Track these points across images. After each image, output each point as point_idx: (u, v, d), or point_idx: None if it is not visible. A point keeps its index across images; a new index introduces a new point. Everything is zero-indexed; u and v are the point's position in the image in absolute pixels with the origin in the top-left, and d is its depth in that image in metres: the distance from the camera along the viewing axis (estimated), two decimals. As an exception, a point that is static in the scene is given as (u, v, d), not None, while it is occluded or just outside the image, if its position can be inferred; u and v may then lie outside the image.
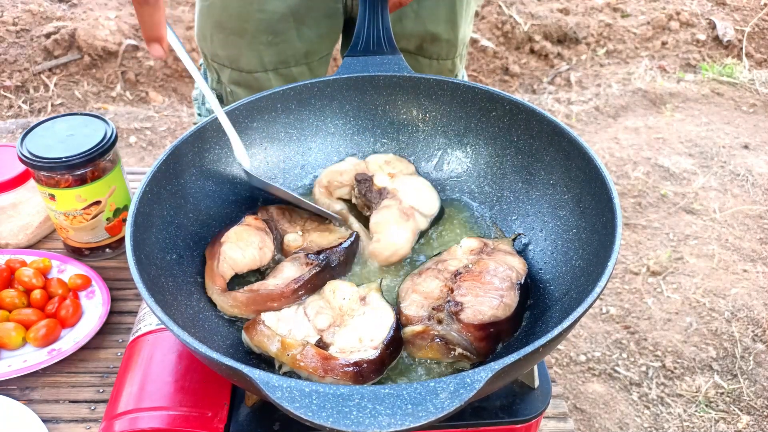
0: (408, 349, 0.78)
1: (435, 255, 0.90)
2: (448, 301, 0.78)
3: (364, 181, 0.96)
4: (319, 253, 0.86)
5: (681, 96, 3.45)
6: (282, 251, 0.90)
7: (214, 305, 0.84)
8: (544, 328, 0.77)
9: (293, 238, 0.90)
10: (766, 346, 2.14)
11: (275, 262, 0.89)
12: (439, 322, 0.77)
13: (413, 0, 1.19)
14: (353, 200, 0.99)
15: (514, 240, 0.91)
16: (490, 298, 0.77)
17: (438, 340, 0.76)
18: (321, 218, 0.96)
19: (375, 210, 0.93)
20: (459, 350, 0.76)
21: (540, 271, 0.87)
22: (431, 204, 0.95)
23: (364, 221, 0.95)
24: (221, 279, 0.84)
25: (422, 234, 0.93)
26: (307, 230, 0.92)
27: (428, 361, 0.77)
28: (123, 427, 0.75)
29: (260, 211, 0.95)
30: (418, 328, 0.77)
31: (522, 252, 0.91)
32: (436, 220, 0.96)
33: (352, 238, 0.90)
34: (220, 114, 0.89)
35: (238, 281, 0.88)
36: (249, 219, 0.92)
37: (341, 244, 0.88)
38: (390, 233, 0.88)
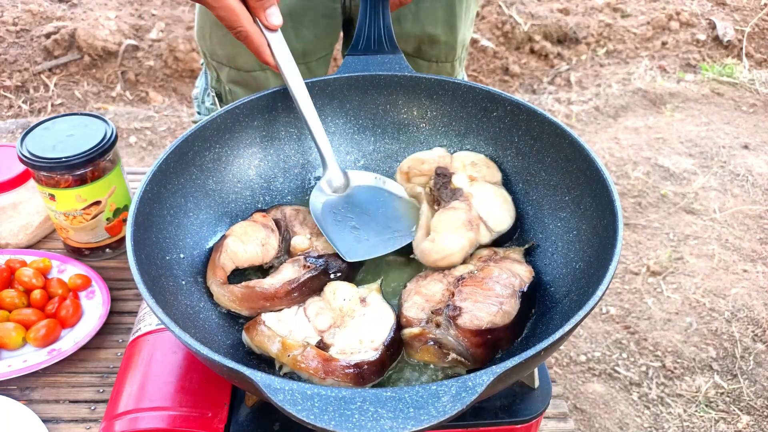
0: (406, 351, 0.78)
1: None
2: (448, 305, 0.78)
3: (443, 175, 0.91)
4: (319, 257, 0.86)
5: (681, 96, 3.45)
6: (288, 252, 0.91)
7: (214, 301, 0.84)
8: (545, 330, 0.77)
9: (300, 240, 0.90)
10: (766, 346, 2.14)
11: (280, 263, 0.89)
12: (438, 325, 0.76)
13: (412, 1, 1.19)
14: (427, 191, 0.94)
15: (526, 249, 0.89)
16: (489, 305, 0.76)
17: (431, 343, 0.75)
18: None
19: (442, 208, 0.88)
20: (453, 355, 0.75)
21: (540, 273, 0.87)
22: (502, 221, 0.89)
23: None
24: (222, 271, 0.85)
25: (479, 247, 0.87)
26: (315, 234, 0.92)
27: (429, 364, 0.77)
28: (123, 427, 0.75)
29: (273, 210, 0.95)
30: (415, 330, 0.77)
31: (525, 256, 0.90)
32: (506, 239, 0.90)
33: None
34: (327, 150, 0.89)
35: (240, 278, 0.88)
36: (257, 215, 0.92)
37: None
38: (447, 237, 0.84)
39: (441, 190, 0.91)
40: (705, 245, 2.51)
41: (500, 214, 0.89)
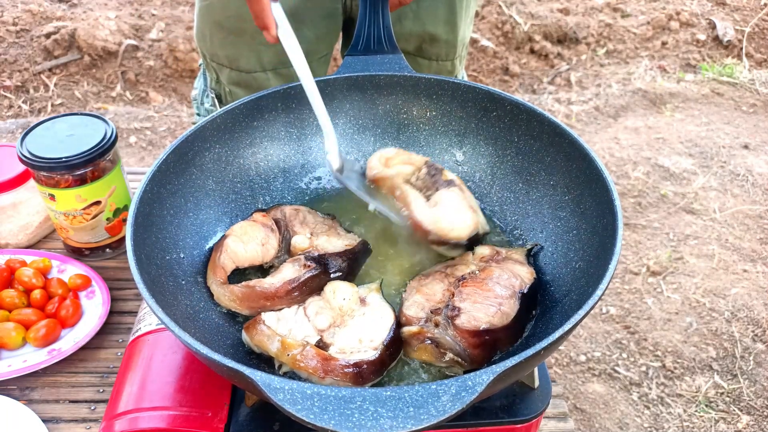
0: (404, 349, 0.78)
1: (448, 259, 0.89)
2: (447, 305, 0.78)
3: (434, 167, 0.92)
4: (319, 257, 0.86)
5: (681, 96, 3.45)
6: (289, 252, 0.91)
7: (214, 301, 0.84)
8: (545, 330, 0.77)
9: (300, 240, 0.90)
10: (766, 346, 2.14)
11: (280, 262, 0.89)
12: (436, 325, 0.77)
13: (413, 0, 1.19)
14: (412, 179, 0.92)
15: (529, 251, 0.89)
16: (487, 306, 0.77)
17: (429, 342, 0.75)
18: (331, 224, 0.94)
19: (442, 189, 0.88)
20: (450, 355, 0.75)
21: (540, 272, 0.87)
22: (484, 224, 0.90)
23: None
24: (222, 271, 0.85)
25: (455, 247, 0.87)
26: (315, 234, 0.92)
27: (428, 363, 0.77)
28: (123, 427, 0.75)
29: (273, 210, 0.95)
30: (414, 329, 0.77)
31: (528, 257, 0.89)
32: (476, 242, 0.90)
33: (357, 248, 0.89)
34: (320, 107, 0.88)
35: (240, 278, 0.88)
36: (257, 215, 0.92)
37: (345, 250, 0.88)
38: (457, 209, 0.83)
39: (435, 176, 0.90)
40: (705, 245, 2.51)
41: (482, 218, 0.90)
